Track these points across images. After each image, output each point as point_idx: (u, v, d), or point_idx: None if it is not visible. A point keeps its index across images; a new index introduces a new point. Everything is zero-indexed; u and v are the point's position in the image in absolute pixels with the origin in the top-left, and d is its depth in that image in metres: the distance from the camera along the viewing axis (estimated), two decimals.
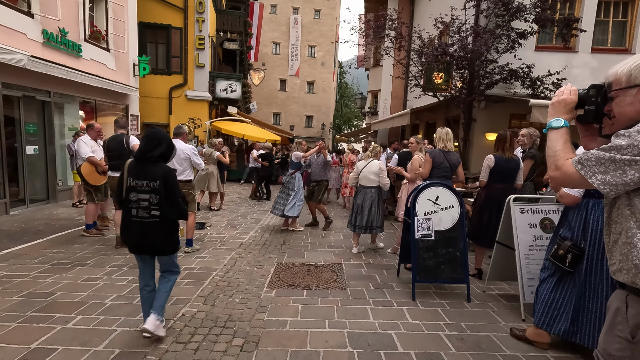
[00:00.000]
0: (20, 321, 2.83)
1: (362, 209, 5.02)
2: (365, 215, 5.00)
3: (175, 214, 2.60)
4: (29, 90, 7.01)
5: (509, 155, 3.95)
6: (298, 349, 2.60)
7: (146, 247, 2.58)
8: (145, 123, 12.74)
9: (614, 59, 6.80)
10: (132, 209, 2.51)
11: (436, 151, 4.38)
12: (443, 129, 4.47)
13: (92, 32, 8.64)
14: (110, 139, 4.88)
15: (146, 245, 2.56)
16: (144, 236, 2.51)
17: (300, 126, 34.88)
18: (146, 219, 2.50)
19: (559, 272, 2.54)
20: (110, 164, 4.87)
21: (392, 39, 9.59)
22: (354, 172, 5.29)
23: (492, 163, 3.94)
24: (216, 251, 4.94)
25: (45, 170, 7.66)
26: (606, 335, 1.19)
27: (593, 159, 1.14)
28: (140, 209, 2.50)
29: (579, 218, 2.44)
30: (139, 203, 2.50)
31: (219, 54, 16.97)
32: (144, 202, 2.49)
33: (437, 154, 4.33)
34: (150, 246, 2.57)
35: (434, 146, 4.64)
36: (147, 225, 2.50)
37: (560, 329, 2.51)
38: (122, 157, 4.71)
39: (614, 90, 1.21)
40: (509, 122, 8.59)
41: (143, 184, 2.50)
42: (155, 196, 2.49)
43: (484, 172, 4.03)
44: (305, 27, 34.11)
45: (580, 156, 1.19)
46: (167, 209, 2.53)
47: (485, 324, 3.08)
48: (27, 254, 4.49)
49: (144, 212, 2.50)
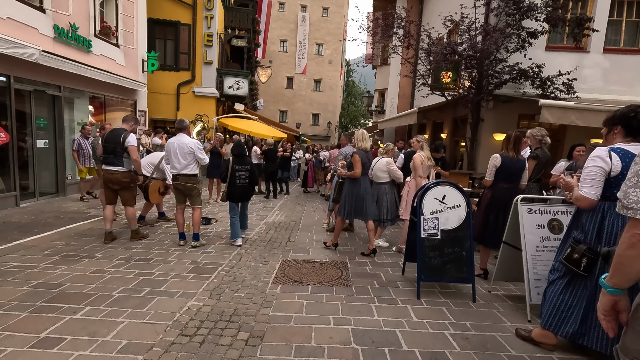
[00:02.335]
0: (29, 311, 2.88)
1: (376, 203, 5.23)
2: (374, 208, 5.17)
3: (254, 182, 5.24)
4: (40, 85, 7.11)
5: (514, 155, 3.93)
6: (303, 344, 2.61)
7: (244, 197, 5.19)
8: (152, 119, 12.85)
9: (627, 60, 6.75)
10: (237, 179, 4.98)
11: (361, 152, 4.82)
12: (359, 130, 5.20)
13: (102, 27, 8.72)
14: (109, 132, 4.86)
15: (244, 196, 5.17)
16: (243, 193, 5.10)
17: (307, 124, 34.88)
18: (244, 184, 5.05)
19: (569, 275, 2.50)
20: (104, 156, 4.81)
21: (400, 38, 9.54)
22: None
23: (498, 162, 3.92)
24: (222, 246, 4.98)
25: (55, 163, 7.76)
26: (627, 331, 1.20)
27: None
28: (241, 179, 5.01)
29: (594, 221, 2.37)
30: (240, 176, 4.99)
31: (226, 50, 17.02)
32: (243, 175, 5.02)
33: (362, 155, 4.79)
34: (245, 197, 5.21)
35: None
36: (244, 187, 5.06)
37: (568, 331, 2.49)
38: (116, 154, 4.71)
39: None
40: (518, 122, 8.50)
41: (241, 167, 5.02)
42: (247, 173, 5.06)
43: (489, 172, 4.00)
44: (313, 25, 34.05)
45: (622, 202, 1.21)
46: (253, 179, 5.16)
47: (491, 324, 3.07)
48: (36, 245, 4.56)
49: (243, 180, 5.02)
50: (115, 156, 4.74)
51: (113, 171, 4.75)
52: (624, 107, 2.36)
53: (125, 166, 4.80)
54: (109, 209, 4.91)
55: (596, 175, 2.28)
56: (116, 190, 4.88)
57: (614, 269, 1.25)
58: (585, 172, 2.35)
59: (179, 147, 4.69)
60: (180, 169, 4.72)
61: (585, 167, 2.36)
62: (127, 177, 4.84)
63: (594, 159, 2.30)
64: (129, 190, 4.93)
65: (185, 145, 4.68)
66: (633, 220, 1.16)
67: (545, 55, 8.02)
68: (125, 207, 4.95)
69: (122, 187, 4.85)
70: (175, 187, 4.86)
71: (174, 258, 4.36)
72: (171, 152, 4.73)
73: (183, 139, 4.73)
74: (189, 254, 4.53)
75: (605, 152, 2.28)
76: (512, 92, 7.94)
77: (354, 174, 4.73)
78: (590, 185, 2.31)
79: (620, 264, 1.22)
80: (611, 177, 2.26)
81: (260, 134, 14.26)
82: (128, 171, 4.85)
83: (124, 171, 4.80)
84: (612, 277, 1.26)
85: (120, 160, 4.75)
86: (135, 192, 5.11)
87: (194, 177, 4.83)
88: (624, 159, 2.22)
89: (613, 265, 1.26)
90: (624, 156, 2.24)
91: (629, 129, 2.30)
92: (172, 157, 4.74)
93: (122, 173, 4.78)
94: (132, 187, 4.99)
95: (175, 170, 4.76)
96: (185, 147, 4.67)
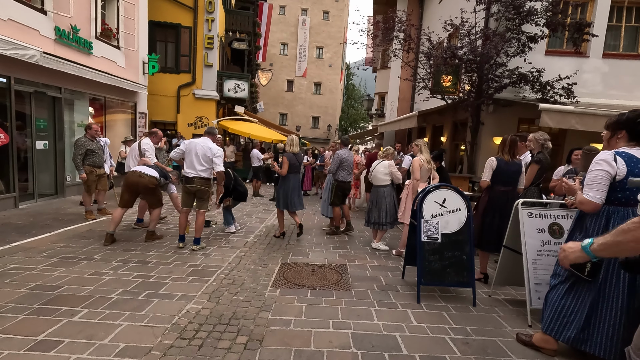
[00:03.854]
0: (27, 313, 2.86)
1: (373, 207, 5.42)
2: (375, 212, 5.38)
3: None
4: (40, 86, 7.11)
5: (509, 159, 3.93)
6: (302, 348, 2.59)
7: None
8: (153, 121, 12.85)
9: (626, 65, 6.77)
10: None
11: (290, 154, 5.51)
12: (290, 136, 5.74)
13: (103, 29, 8.75)
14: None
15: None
16: None
17: (307, 127, 34.94)
18: None
19: (572, 279, 2.48)
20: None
21: (400, 41, 9.57)
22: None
23: (494, 164, 3.96)
24: (221, 249, 4.96)
25: (54, 165, 7.76)
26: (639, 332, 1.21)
27: None
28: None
29: (598, 225, 2.35)
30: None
31: (227, 53, 17.07)
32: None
33: (290, 157, 5.49)
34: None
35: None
36: None
37: (569, 336, 2.46)
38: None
39: None
40: (518, 126, 8.52)
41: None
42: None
43: (487, 173, 4.01)
44: (314, 28, 34.20)
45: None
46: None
47: (491, 328, 3.05)
48: (35, 247, 4.54)
49: None
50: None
51: (143, 174, 4.89)
52: (628, 111, 2.35)
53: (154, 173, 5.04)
54: (120, 211, 4.90)
55: (602, 179, 2.27)
56: (135, 195, 4.97)
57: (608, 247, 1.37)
58: (590, 175, 2.33)
59: (202, 150, 4.67)
60: (199, 172, 4.70)
61: (590, 170, 2.35)
62: (152, 183, 4.95)
63: (600, 163, 2.28)
64: (154, 195, 5.05)
65: (210, 150, 4.69)
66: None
67: (545, 60, 8.05)
68: (153, 209, 5.12)
69: (146, 192, 4.98)
70: (186, 190, 4.82)
71: (172, 260, 4.34)
72: (192, 153, 4.70)
73: (209, 144, 4.74)
74: (188, 257, 4.51)
75: (611, 156, 2.26)
76: (512, 96, 7.96)
77: (281, 173, 5.50)
78: (595, 189, 2.30)
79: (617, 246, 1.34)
80: (616, 181, 2.25)
81: (261, 137, 14.27)
82: (155, 177, 4.99)
83: (152, 176, 4.95)
84: (603, 252, 1.40)
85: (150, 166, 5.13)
86: (160, 195, 5.18)
87: (209, 181, 4.87)
88: (629, 163, 2.22)
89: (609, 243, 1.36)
90: (629, 160, 2.23)
91: (633, 134, 2.30)
92: (193, 158, 4.68)
93: (149, 178, 4.91)
94: (156, 191, 5.08)
95: (193, 172, 4.69)
96: (209, 152, 4.68)
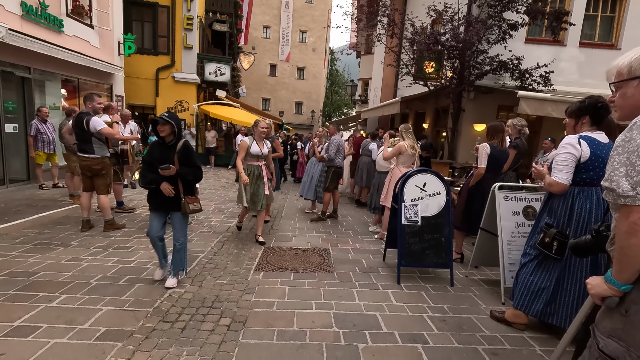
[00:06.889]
0: (1, 300, 2.78)
1: (375, 192, 5.79)
2: (377, 197, 5.65)
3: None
4: (7, 66, 6.73)
5: (504, 147, 4.02)
6: (285, 328, 2.64)
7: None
8: (130, 104, 12.42)
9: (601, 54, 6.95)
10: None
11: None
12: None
13: (75, 6, 8.28)
14: (75, 117, 4.67)
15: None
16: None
17: (290, 112, 34.54)
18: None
19: (539, 257, 2.63)
20: (77, 143, 4.68)
21: (384, 26, 9.52)
22: None
23: (489, 151, 3.89)
24: (203, 234, 4.92)
25: (25, 149, 7.41)
26: (603, 309, 1.25)
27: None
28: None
29: (565, 205, 2.49)
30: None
31: (207, 35, 16.53)
32: None
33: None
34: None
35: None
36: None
37: (538, 309, 2.62)
38: (85, 140, 4.56)
39: (615, 82, 1.26)
40: (497, 113, 8.70)
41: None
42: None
43: (483, 159, 3.90)
44: (297, 12, 33.43)
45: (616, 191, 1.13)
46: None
47: (467, 306, 3.19)
48: (7, 233, 4.39)
49: None
50: (85, 143, 4.57)
51: (84, 157, 4.61)
52: (586, 97, 2.49)
53: (97, 153, 4.64)
54: (86, 196, 4.75)
55: (568, 161, 2.41)
56: (90, 178, 4.71)
57: (620, 263, 1.15)
58: (557, 159, 2.46)
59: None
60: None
61: (556, 154, 2.49)
62: (98, 164, 4.67)
63: (565, 146, 2.42)
64: (101, 177, 4.73)
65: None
66: (627, 208, 1.11)
67: (524, 48, 8.20)
68: (98, 195, 4.77)
69: (93, 174, 4.68)
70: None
71: None
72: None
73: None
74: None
75: (575, 139, 2.41)
76: (492, 83, 8.09)
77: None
78: (562, 170, 2.43)
79: (627, 256, 1.13)
80: (581, 163, 2.40)
81: (243, 122, 14.03)
82: (100, 158, 4.68)
83: (94, 158, 4.63)
84: (621, 272, 1.15)
85: (90, 147, 4.59)
86: (108, 180, 4.89)
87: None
88: (592, 146, 2.38)
89: (618, 260, 1.16)
90: (592, 143, 2.39)
91: (595, 118, 2.45)
92: None
93: (92, 160, 4.62)
94: (104, 174, 4.77)
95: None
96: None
